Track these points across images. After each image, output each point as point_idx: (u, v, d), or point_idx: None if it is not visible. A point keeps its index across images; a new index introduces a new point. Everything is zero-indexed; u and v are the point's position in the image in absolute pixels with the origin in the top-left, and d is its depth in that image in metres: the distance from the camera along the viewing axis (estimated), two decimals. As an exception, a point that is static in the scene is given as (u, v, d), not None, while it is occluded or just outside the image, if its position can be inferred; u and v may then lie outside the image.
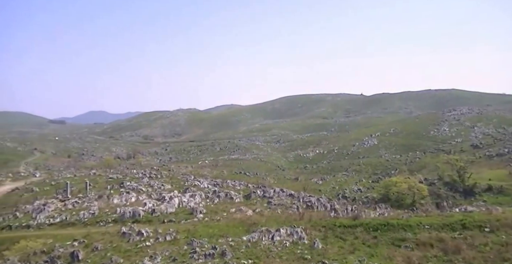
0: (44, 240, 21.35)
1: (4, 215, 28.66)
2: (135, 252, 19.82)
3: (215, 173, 72.03)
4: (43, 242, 20.99)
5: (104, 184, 46.99)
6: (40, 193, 44.44)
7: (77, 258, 19.34)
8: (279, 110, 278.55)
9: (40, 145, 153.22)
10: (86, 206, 30.20)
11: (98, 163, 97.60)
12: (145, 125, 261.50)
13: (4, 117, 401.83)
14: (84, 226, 25.30)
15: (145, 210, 27.45)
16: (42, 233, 23.42)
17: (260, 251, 19.37)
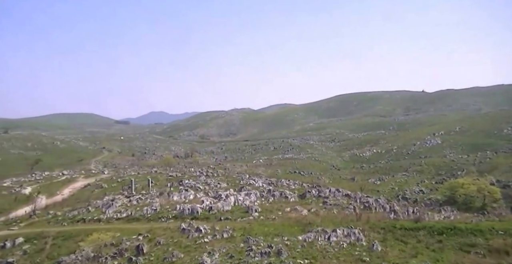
0: (113, 233, 22.85)
1: (79, 209, 31.15)
2: (194, 247, 20.55)
3: (269, 172, 72.47)
4: (112, 235, 22.48)
5: (165, 181, 49.36)
6: (108, 189, 47.84)
7: (142, 252, 20.46)
8: (334, 108, 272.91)
9: (107, 144, 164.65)
10: (148, 202, 31.80)
11: (159, 162, 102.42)
12: (201, 125, 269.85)
13: (77, 119, 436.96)
14: (147, 221, 26.66)
15: (203, 207, 28.31)
16: (111, 227, 25.08)
17: (316, 251, 19.15)
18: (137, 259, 19.67)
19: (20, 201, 44.71)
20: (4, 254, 22.09)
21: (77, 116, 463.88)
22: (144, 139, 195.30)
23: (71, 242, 22.74)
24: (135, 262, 19.50)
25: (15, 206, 42.84)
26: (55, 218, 29.22)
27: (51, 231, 24.61)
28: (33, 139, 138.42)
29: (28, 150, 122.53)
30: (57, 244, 22.83)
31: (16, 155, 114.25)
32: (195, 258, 19.08)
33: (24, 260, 21.25)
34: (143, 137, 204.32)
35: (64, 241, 23.07)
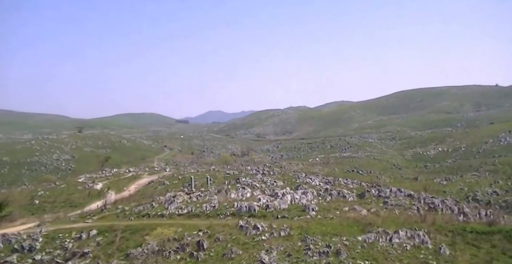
0: (175, 228, 23.82)
1: (144, 205, 32.92)
2: (252, 245, 20.80)
3: (326, 171, 71.20)
4: (175, 230, 23.45)
5: (222, 179, 50.55)
6: (170, 186, 50.09)
7: (203, 247, 21.14)
8: (394, 105, 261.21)
9: (169, 142, 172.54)
10: (207, 199, 32.70)
11: (217, 160, 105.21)
12: (257, 123, 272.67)
13: (142, 118, 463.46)
14: (207, 218, 27.43)
15: (260, 205, 28.53)
16: (173, 222, 26.19)
17: (377, 253, 18.45)
18: (198, 254, 20.36)
19: (93, 196, 48.37)
20: (80, 245, 24.01)
21: (141, 116, 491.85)
22: (203, 138, 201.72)
23: (137, 236, 24.07)
24: (196, 257, 20.20)
25: (88, 200, 46.49)
26: (123, 213, 31.11)
27: (120, 225, 26.26)
28: (103, 138, 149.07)
29: (99, 148, 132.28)
30: (126, 237, 24.30)
31: (89, 153, 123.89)
32: (253, 255, 19.30)
33: (98, 251, 22.91)
34: (201, 136, 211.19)
35: (131, 235, 24.50)
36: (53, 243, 24.79)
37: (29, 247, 24.21)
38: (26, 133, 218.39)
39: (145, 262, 19.56)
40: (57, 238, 25.42)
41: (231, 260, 19.31)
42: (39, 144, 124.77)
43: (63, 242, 24.64)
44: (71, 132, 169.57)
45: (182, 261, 20.14)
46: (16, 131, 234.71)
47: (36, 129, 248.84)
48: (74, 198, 48.36)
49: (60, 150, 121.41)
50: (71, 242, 24.57)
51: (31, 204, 46.73)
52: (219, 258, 19.81)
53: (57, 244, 24.58)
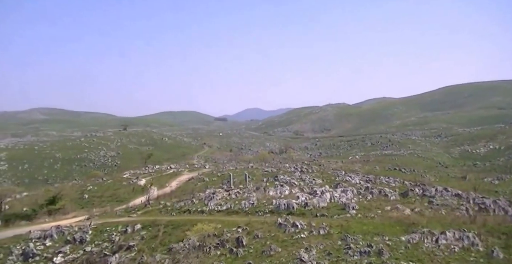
0: (215, 224, 24.22)
1: (184, 200, 33.78)
2: (291, 242, 20.72)
3: (366, 169, 69.37)
4: (214, 226, 23.85)
5: (261, 176, 50.74)
6: (209, 183, 50.98)
7: (242, 244, 21.35)
8: (439, 101, 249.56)
9: (208, 140, 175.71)
10: (246, 196, 32.95)
11: (255, 157, 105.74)
12: (295, 120, 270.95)
13: (182, 116, 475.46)
14: (245, 214, 27.66)
15: (298, 203, 28.35)
16: (213, 218, 26.65)
17: (422, 254, 17.75)
18: (237, 251, 20.59)
19: (137, 192, 50.29)
20: (126, 238, 25.06)
21: (181, 114, 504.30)
22: (241, 135, 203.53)
23: (179, 231, 24.73)
24: (235, 253, 20.43)
25: (133, 195, 48.39)
26: (165, 208, 32.07)
27: (162, 220, 27.12)
28: (146, 136, 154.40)
29: (142, 145, 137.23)
30: (168, 232, 25.06)
31: (133, 150, 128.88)
32: (292, 253, 19.22)
33: (142, 244, 23.80)
34: (239, 133, 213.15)
35: (173, 230, 25.22)
36: (102, 236, 26.07)
37: (80, 239, 25.61)
38: (76, 131, 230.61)
39: (186, 257, 20.05)
40: (105, 231, 26.71)
41: (270, 257, 19.34)
42: (88, 141, 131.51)
43: (110, 235, 25.85)
44: (116, 130, 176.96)
45: (222, 257, 20.45)
46: (68, 129, 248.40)
47: (85, 127, 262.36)
48: (119, 193, 50.53)
49: (107, 147, 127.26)
50: (117, 235, 25.71)
51: (81, 198, 49.41)
52: (258, 255, 19.91)
53: (105, 237, 25.82)
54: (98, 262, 22.03)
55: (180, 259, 20.01)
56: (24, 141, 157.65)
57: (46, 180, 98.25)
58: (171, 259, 20.93)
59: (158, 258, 21.27)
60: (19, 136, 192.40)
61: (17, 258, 23.49)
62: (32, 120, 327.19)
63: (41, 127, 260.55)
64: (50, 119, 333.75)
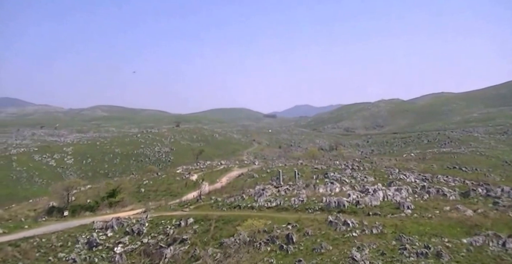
0: (265, 221, 24.34)
1: (235, 196, 34.34)
2: (342, 241, 20.31)
3: (422, 167, 66.03)
4: (264, 222, 23.98)
5: (310, 173, 50.17)
6: (259, 179, 51.38)
7: (292, 240, 21.28)
8: (505, 96, 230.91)
9: (257, 136, 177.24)
10: (296, 193, 32.78)
11: (304, 154, 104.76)
12: (346, 117, 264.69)
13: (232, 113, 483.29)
14: (295, 211, 27.51)
15: (349, 201, 27.67)
16: (263, 214, 26.79)
17: (486, 258, 16.57)
18: (287, 247, 20.57)
19: (189, 186, 51.99)
20: (180, 231, 26.02)
21: (232, 111, 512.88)
22: (290, 132, 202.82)
23: (230, 226, 25.18)
24: (286, 250, 20.42)
25: (185, 190, 50.09)
26: (216, 203, 32.82)
27: (213, 215, 27.78)
28: (197, 132, 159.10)
29: (193, 142, 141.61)
30: (219, 226, 25.61)
31: (185, 146, 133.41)
32: (344, 251, 18.83)
33: (195, 238, 24.57)
34: (289, 130, 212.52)
35: (224, 225, 25.74)
36: (157, 229, 27.29)
37: (138, 231, 27.00)
38: (133, 127, 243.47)
39: (237, 252, 20.37)
40: (160, 224, 27.92)
41: (321, 255, 19.11)
42: (144, 137, 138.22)
43: (165, 228, 26.97)
44: (170, 127, 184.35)
45: (272, 253, 20.54)
46: (126, 126, 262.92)
47: (141, 124, 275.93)
48: (173, 188, 52.55)
49: (161, 143, 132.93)
50: (172, 228, 26.75)
51: (138, 192, 52.07)
52: (308, 252, 19.75)
53: (160, 230, 27.00)
54: (154, 254, 23.08)
55: (231, 254, 20.38)
56: (87, 136, 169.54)
57: (107, 174, 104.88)
58: (223, 253, 21.39)
59: (210, 252, 21.83)
60: (83, 132, 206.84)
61: (83, 247, 25.28)
62: (94, 117, 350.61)
63: (103, 124, 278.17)
64: (110, 116, 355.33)
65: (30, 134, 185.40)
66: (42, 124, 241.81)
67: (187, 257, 22.38)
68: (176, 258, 22.43)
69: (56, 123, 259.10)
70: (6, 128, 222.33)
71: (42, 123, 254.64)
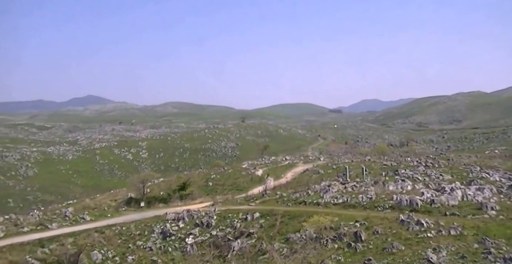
0: (331, 217, 23.85)
1: (300, 192, 34.12)
2: (416, 241, 19.19)
3: (509, 165, 59.90)
4: (331, 219, 23.50)
5: (379, 170, 48.10)
6: (324, 175, 50.47)
7: (360, 238, 20.61)
8: None
9: (322, 132, 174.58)
10: (363, 190, 31.66)
11: (372, 150, 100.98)
12: (418, 111, 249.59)
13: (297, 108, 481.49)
14: (363, 209, 26.61)
15: (423, 199, 26.04)
16: (329, 211, 26.30)
17: None
18: (356, 245, 19.97)
19: (255, 181, 52.71)
20: (246, 225, 26.55)
21: (296, 106, 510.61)
22: (357, 127, 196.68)
23: (295, 222, 25.11)
24: (354, 248, 19.85)
25: (251, 185, 50.89)
26: (282, 199, 32.89)
27: (279, 210, 27.89)
28: (262, 128, 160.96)
29: (258, 137, 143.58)
30: (285, 222, 25.67)
31: (250, 141, 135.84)
32: (418, 252, 17.80)
33: (261, 232, 24.90)
34: (355, 125, 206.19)
35: (290, 220, 25.73)
36: (225, 222, 28.12)
37: (207, 223, 28.09)
38: (201, 123, 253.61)
39: (304, 248, 20.24)
40: (227, 217, 28.74)
41: (392, 255, 18.26)
42: (211, 132, 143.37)
43: (232, 221, 27.70)
44: (235, 122, 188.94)
45: (339, 251, 20.09)
46: (194, 121, 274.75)
47: (208, 119, 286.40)
48: (239, 182, 53.69)
49: (227, 138, 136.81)
50: (238, 222, 27.39)
51: (206, 185, 54.06)
52: (378, 251, 18.98)
53: (227, 223, 27.79)
54: (223, 246, 23.84)
55: (297, 249, 20.31)
56: (159, 132, 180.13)
57: (177, 168, 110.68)
58: (289, 248, 21.40)
59: (277, 247, 21.96)
60: (155, 127, 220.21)
61: (158, 236, 26.94)
62: (166, 113, 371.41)
63: (173, 120, 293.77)
64: (180, 112, 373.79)
65: (111, 129, 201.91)
66: (120, 120, 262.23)
67: (254, 250, 22.77)
68: (243, 251, 22.93)
69: (132, 119, 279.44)
70: (90, 124, 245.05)
71: (120, 119, 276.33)
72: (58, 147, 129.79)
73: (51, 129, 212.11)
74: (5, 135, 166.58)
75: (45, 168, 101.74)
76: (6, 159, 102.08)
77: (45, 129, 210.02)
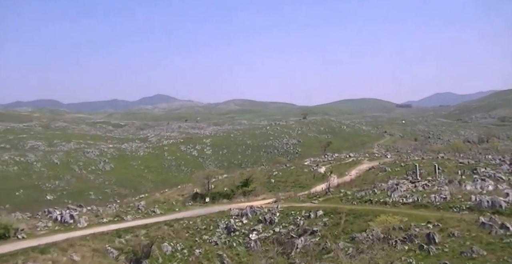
0: (400, 217, 22.57)
1: (365, 190, 32.87)
2: (500, 246, 17.42)
3: None
4: (400, 219, 22.24)
5: (454, 168, 44.82)
6: (392, 173, 48.21)
7: (434, 241, 19.23)
8: None
9: (389, 128, 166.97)
10: (436, 189, 29.66)
11: (446, 147, 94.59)
12: (500, 105, 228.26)
13: (361, 104, 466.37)
14: (436, 209, 24.87)
15: (508, 201, 23.58)
16: (398, 211, 24.92)
17: None
18: (429, 248, 18.68)
19: (317, 179, 51.97)
20: (309, 223, 26.14)
21: (360, 102, 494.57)
22: (428, 123, 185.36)
23: (361, 221, 24.18)
24: (427, 250, 18.58)
25: (314, 182, 50.26)
26: (346, 197, 31.90)
27: (343, 208, 27.06)
28: (324, 124, 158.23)
29: (321, 134, 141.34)
30: (349, 220, 24.83)
31: (312, 138, 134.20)
32: (503, 258, 16.20)
33: (325, 230, 24.34)
34: (426, 121, 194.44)
35: (355, 219, 24.85)
36: (287, 219, 27.96)
37: (269, 220, 28.16)
38: (263, 120, 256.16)
39: (371, 248, 19.40)
40: (290, 215, 28.55)
41: (472, 260, 16.81)
42: (272, 129, 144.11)
43: (295, 219, 27.45)
44: (297, 119, 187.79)
45: (410, 253, 18.94)
46: (256, 118, 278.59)
47: (270, 116, 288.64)
48: (301, 179, 53.30)
49: (289, 135, 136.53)
50: (301, 219, 27.06)
51: (268, 182, 54.44)
52: (455, 256, 17.59)
53: (290, 220, 27.60)
54: (286, 243, 23.71)
55: (364, 249, 19.53)
56: (222, 129, 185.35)
57: (240, 164, 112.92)
58: (355, 248, 20.66)
59: (342, 246, 21.32)
60: (219, 124, 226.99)
61: (223, 231, 27.58)
62: (228, 110, 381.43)
63: (236, 117, 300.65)
64: (242, 109, 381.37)
65: (177, 127, 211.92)
66: (186, 118, 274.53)
67: (318, 249, 22.32)
68: (307, 249, 22.59)
69: (197, 116, 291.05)
70: (159, 121, 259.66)
71: (186, 116, 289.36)
72: (131, 143, 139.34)
73: (125, 127, 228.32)
74: (87, 133, 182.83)
75: (120, 164, 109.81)
76: (87, 155, 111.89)
77: (120, 127, 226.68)
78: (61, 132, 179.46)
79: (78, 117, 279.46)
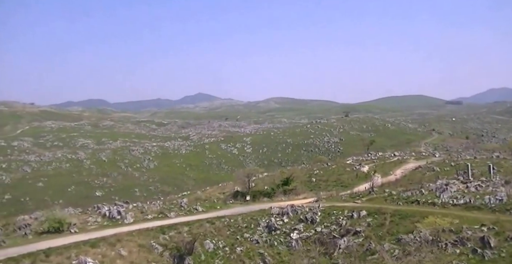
0: (450, 219, 21.42)
1: (412, 190, 31.49)
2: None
3: None
4: (450, 221, 21.11)
5: (511, 169, 42.00)
6: (441, 173, 46.00)
7: (489, 245, 18.08)
8: None
9: (437, 126, 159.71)
10: (491, 190, 27.86)
11: (502, 146, 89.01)
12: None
13: (406, 101, 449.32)
14: (491, 212, 23.37)
15: None
16: (447, 212, 23.69)
17: None
18: (483, 252, 17.60)
19: (360, 178, 50.55)
20: (352, 223, 25.46)
21: (406, 99, 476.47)
22: (481, 120, 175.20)
23: (407, 222, 23.22)
24: (481, 255, 17.49)
25: (356, 181, 48.94)
26: (391, 197, 30.75)
27: (388, 209, 26.10)
28: (367, 122, 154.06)
29: (363, 132, 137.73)
30: (395, 221, 23.92)
31: (355, 136, 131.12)
32: None
33: (369, 231, 23.60)
34: (479, 118, 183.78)
35: (401, 220, 23.89)
36: (329, 218, 27.39)
37: (311, 219, 27.73)
38: (303, 118, 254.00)
39: (418, 250, 18.53)
40: (332, 214, 27.94)
41: (532, 268, 15.54)
42: (313, 127, 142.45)
43: (337, 219, 26.83)
44: (338, 117, 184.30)
45: (462, 256, 17.93)
46: (296, 116, 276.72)
47: (310, 114, 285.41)
48: (343, 179, 52.10)
49: (330, 133, 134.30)
50: (344, 219, 26.41)
51: (309, 181, 53.72)
52: (513, 262, 16.37)
53: (332, 220, 27.02)
54: (328, 243, 23.24)
55: (411, 252, 18.70)
56: (262, 127, 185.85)
57: (280, 162, 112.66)
58: (401, 250, 19.85)
59: (387, 247, 20.58)
60: (259, 123, 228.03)
61: (263, 230, 27.54)
62: (268, 108, 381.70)
63: (276, 115, 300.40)
64: (282, 107, 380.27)
65: (218, 125, 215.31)
66: (227, 117, 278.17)
67: (362, 249, 21.71)
68: (350, 250, 22.03)
69: (237, 115, 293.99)
70: (200, 120, 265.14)
71: (226, 115, 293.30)
72: (173, 142, 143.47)
73: (167, 125, 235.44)
74: (132, 131, 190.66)
75: (163, 162, 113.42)
76: (132, 153, 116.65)
77: (163, 126, 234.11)
78: (108, 130, 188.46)
79: (124, 116, 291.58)
